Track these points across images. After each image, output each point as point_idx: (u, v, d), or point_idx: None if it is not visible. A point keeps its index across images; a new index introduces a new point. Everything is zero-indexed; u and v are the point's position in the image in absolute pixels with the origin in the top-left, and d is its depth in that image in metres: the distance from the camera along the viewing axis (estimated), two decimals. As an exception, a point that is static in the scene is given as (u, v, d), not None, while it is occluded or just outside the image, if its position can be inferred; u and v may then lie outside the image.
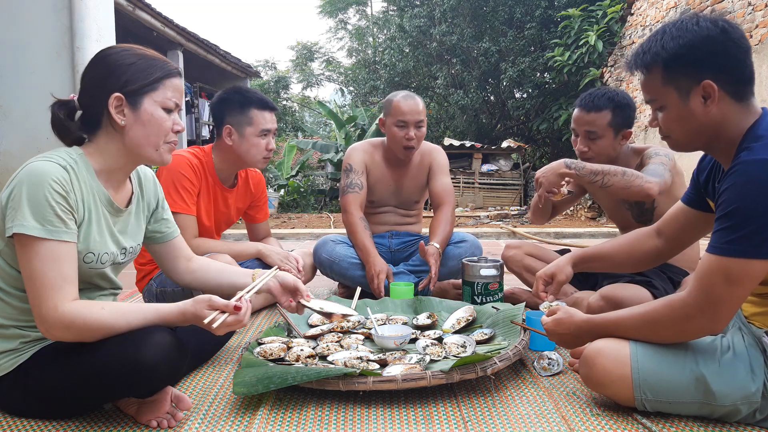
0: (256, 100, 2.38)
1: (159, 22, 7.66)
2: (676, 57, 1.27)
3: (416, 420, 1.43)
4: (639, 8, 8.38)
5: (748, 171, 1.18)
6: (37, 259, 1.25)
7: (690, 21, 1.28)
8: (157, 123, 1.39)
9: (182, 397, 1.42)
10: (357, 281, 2.66)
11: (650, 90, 1.34)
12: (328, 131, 17.95)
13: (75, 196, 1.33)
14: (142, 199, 1.58)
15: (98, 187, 1.40)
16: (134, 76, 1.36)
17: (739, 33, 1.26)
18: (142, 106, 1.37)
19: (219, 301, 1.35)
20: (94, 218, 1.39)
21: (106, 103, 1.35)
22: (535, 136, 12.93)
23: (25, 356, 1.38)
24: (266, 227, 2.82)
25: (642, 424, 1.36)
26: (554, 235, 6.19)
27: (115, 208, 1.45)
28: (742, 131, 1.27)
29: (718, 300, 1.22)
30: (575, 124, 2.27)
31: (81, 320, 1.28)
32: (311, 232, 6.56)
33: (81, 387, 1.33)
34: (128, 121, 1.37)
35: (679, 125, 1.32)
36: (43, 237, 1.25)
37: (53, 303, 1.26)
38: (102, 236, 1.42)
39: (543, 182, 2.06)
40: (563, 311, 1.53)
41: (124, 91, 1.35)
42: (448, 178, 2.89)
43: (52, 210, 1.26)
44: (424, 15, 13.34)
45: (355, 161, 2.82)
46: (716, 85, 1.25)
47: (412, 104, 2.67)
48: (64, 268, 1.28)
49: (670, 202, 2.20)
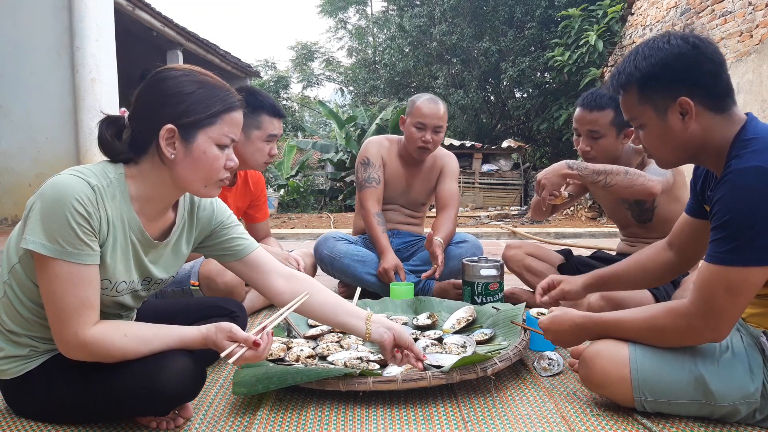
0: (269, 105, 2.37)
1: (159, 22, 7.66)
2: (650, 76, 1.29)
3: (416, 420, 1.43)
4: (639, 8, 8.38)
5: (740, 179, 1.19)
6: (56, 281, 1.19)
7: (661, 40, 1.30)
8: (209, 162, 1.28)
9: (185, 405, 1.40)
10: (358, 278, 2.66)
11: (628, 110, 1.37)
12: (328, 131, 17.95)
13: (99, 216, 1.23)
14: (191, 229, 1.46)
15: (130, 213, 1.30)
16: (191, 107, 1.25)
17: (711, 48, 1.27)
18: (195, 142, 1.26)
19: (240, 334, 1.28)
20: (120, 244, 1.30)
21: (158, 132, 1.24)
22: (536, 136, 12.93)
23: (34, 364, 1.34)
24: (266, 227, 2.82)
25: (642, 425, 1.36)
26: (554, 235, 6.19)
27: (146, 238, 1.34)
28: (728, 140, 1.28)
29: (720, 310, 1.23)
30: (577, 124, 2.26)
31: (103, 348, 1.24)
32: (311, 232, 6.56)
33: (94, 404, 1.31)
34: (178, 155, 1.26)
35: (660, 142, 1.34)
36: (58, 258, 1.18)
37: (73, 329, 1.21)
38: (124, 264, 1.33)
39: (545, 184, 2.05)
40: (559, 309, 1.53)
41: (179, 123, 1.24)
42: (455, 184, 2.90)
43: (73, 232, 1.18)
44: (424, 15, 13.34)
45: (372, 154, 2.82)
46: (692, 100, 1.26)
47: (434, 108, 2.68)
48: (84, 292, 1.22)
49: (671, 202, 2.21)
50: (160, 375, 1.24)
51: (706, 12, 6.65)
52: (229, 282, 2.24)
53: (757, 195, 1.16)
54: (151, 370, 1.25)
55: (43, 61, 5.83)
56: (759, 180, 1.16)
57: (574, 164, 2.03)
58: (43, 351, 1.35)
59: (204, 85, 1.28)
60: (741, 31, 6.00)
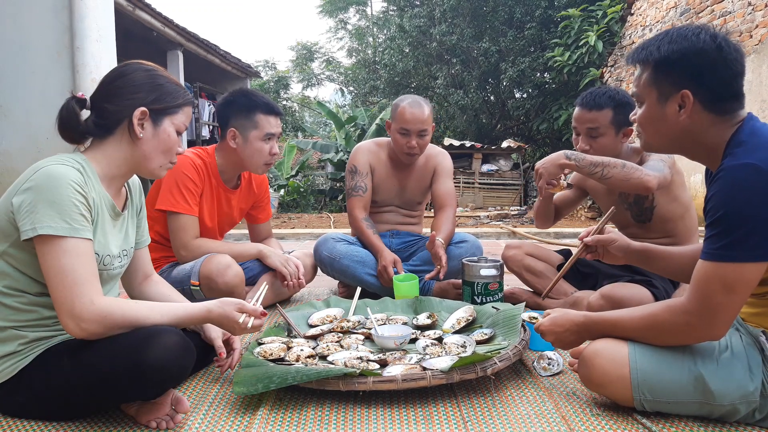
0: (263, 104, 2.37)
1: (159, 22, 7.66)
2: (666, 61, 1.30)
3: (416, 420, 1.43)
4: (639, 8, 8.38)
5: (733, 176, 1.19)
6: (66, 256, 1.28)
7: (692, 30, 1.30)
8: (171, 143, 1.50)
9: (181, 400, 1.43)
10: (357, 279, 2.67)
11: (637, 84, 1.39)
12: (328, 131, 17.95)
13: (89, 196, 1.36)
14: (132, 204, 1.62)
15: (102, 191, 1.44)
16: (163, 96, 1.46)
17: (735, 55, 1.27)
18: (162, 125, 1.47)
19: (248, 306, 1.47)
20: (100, 221, 1.42)
21: (130, 113, 1.42)
22: (535, 136, 12.93)
23: (27, 360, 1.37)
24: (268, 228, 2.82)
25: (642, 424, 1.37)
26: (554, 235, 6.19)
27: (116, 212, 1.50)
28: (724, 140, 1.29)
29: (716, 307, 1.23)
30: (576, 123, 2.28)
31: (119, 312, 1.32)
32: (311, 232, 6.56)
33: (87, 388, 1.33)
34: (146, 135, 1.45)
35: (650, 125, 1.37)
36: (69, 235, 1.29)
37: (88, 297, 1.29)
38: (106, 238, 1.45)
39: (543, 173, 2.07)
40: (557, 310, 1.53)
41: (150, 108, 1.44)
42: (451, 182, 2.90)
43: (76, 209, 1.30)
44: (424, 15, 13.33)
45: (360, 162, 2.84)
46: (694, 96, 1.28)
47: (418, 113, 2.65)
48: (92, 264, 1.33)
49: (670, 201, 2.22)
50: (147, 349, 1.28)
51: (705, 12, 6.65)
52: (229, 282, 2.24)
53: (750, 192, 1.17)
54: (139, 345, 1.30)
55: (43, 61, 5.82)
56: (752, 177, 1.17)
57: (572, 155, 2.05)
58: (32, 340, 1.38)
59: (168, 81, 1.50)
60: (741, 31, 6.00)
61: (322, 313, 2.22)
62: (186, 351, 1.36)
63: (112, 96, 1.44)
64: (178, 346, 1.33)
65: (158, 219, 2.37)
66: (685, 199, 2.25)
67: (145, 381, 1.31)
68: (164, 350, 1.29)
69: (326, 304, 2.35)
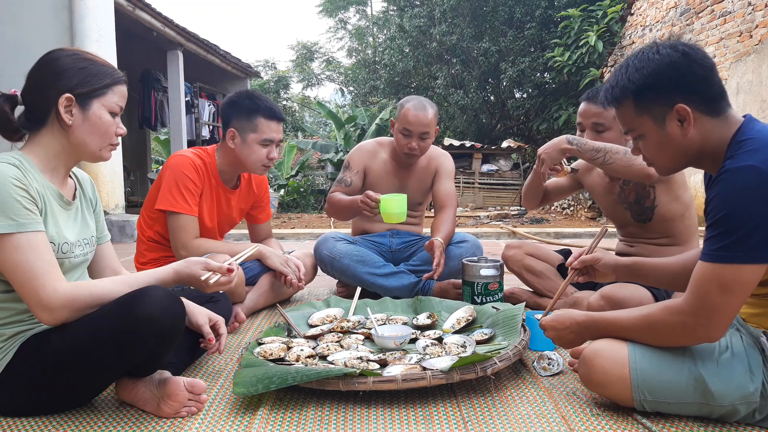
0: (265, 108, 2.36)
1: (159, 22, 7.66)
2: (645, 87, 1.30)
3: (416, 420, 1.43)
4: (639, 8, 8.38)
5: (733, 178, 1.20)
6: (20, 252, 1.29)
7: (650, 50, 1.32)
8: (104, 126, 1.46)
9: (195, 382, 1.44)
10: (357, 278, 2.67)
11: (626, 122, 1.38)
12: (328, 131, 17.96)
13: (31, 188, 1.36)
14: (84, 196, 1.61)
15: (45, 182, 1.43)
16: (86, 79, 1.42)
17: (700, 53, 1.29)
18: (91, 109, 1.43)
19: (214, 264, 1.51)
20: (49, 210, 1.42)
21: (56, 102, 1.39)
22: (535, 136, 12.93)
23: (10, 354, 1.37)
24: (268, 228, 2.82)
25: (642, 424, 1.37)
26: (554, 235, 6.19)
27: (65, 201, 1.49)
28: (725, 142, 1.29)
29: (713, 308, 1.23)
30: (582, 118, 2.27)
31: (86, 293, 1.34)
32: (311, 232, 6.56)
33: (79, 361, 1.33)
34: (76, 121, 1.42)
35: (661, 151, 1.36)
36: (18, 231, 1.29)
37: (51, 287, 1.30)
38: (58, 227, 1.44)
39: (545, 158, 2.07)
40: (561, 310, 1.53)
41: (75, 93, 1.41)
42: (452, 183, 2.90)
43: (19, 204, 1.31)
44: (424, 15, 13.33)
45: (354, 160, 2.86)
46: (689, 106, 1.27)
47: (421, 116, 2.65)
48: (48, 254, 1.33)
49: (671, 201, 2.21)
50: (138, 303, 1.32)
51: (705, 12, 6.65)
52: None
53: (750, 193, 1.17)
54: (125, 302, 1.33)
55: (43, 61, 5.80)
56: (752, 179, 1.17)
57: (574, 139, 2.05)
58: (11, 336, 1.39)
59: (93, 63, 1.45)
60: (741, 31, 6.00)
61: (322, 313, 2.22)
62: (174, 301, 1.38)
63: (37, 87, 1.42)
64: (166, 296, 1.36)
65: (158, 219, 2.37)
66: (686, 199, 2.25)
67: (138, 337, 1.32)
68: (152, 300, 1.32)
69: (326, 304, 2.35)
